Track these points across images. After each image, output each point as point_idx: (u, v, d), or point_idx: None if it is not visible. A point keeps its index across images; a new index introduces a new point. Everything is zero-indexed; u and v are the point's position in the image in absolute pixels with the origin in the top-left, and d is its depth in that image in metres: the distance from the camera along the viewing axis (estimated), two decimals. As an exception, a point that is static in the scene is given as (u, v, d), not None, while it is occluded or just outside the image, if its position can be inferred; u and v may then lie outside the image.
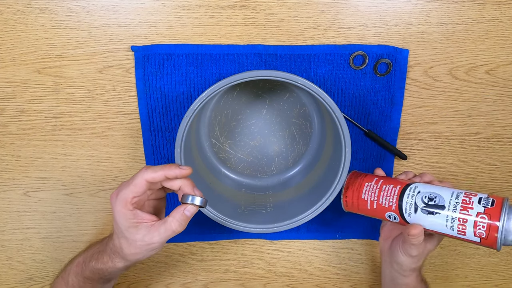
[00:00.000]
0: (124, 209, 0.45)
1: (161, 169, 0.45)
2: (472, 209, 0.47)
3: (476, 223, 0.46)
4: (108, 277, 0.54)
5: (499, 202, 0.47)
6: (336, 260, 0.75)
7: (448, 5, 0.56)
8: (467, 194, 0.49)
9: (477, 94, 0.62)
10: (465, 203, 0.48)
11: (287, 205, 0.60)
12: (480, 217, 0.46)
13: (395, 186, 0.52)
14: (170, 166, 0.45)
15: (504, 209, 0.46)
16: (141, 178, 0.45)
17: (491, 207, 0.46)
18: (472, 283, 0.79)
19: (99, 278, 0.54)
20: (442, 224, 0.48)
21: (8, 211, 0.67)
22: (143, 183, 0.45)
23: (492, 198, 0.48)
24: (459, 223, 0.47)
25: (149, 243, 0.46)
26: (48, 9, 0.54)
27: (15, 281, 0.73)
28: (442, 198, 0.49)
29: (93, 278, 0.54)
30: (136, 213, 0.46)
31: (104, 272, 0.52)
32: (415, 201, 0.50)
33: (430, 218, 0.49)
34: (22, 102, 0.59)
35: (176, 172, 0.45)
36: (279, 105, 0.61)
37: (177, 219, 0.45)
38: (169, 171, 0.45)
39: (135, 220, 0.45)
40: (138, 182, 0.45)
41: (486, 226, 0.46)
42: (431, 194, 0.49)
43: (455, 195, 0.49)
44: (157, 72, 0.58)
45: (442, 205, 0.48)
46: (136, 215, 0.46)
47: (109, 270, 0.51)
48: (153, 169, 0.45)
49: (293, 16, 0.56)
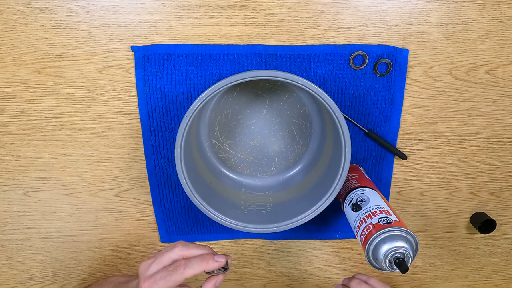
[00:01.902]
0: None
1: (199, 266, 0.46)
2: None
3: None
4: None
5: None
6: (336, 260, 0.75)
7: (448, 5, 0.56)
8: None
9: (477, 94, 0.62)
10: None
11: (287, 205, 0.60)
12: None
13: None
14: (207, 260, 0.46)
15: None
16: (181, 277, 0.45)
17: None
18: (472, 283, 0.79)
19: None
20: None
21: (8, 211, 0.67)
22: (181, 281, 0.46)
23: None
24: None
25: None
26: (48, 9, 0.54)
27: (15, 281, 0.73)
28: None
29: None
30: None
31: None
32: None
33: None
34: (22, 102, 0.59)
35: (214, 265, 0.46)
36: (279, 105, 0.61)
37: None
38: (208, 265, 0.46)
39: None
40: (178, 280, 0.45)
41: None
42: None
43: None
44: (157, 72, 0.58)
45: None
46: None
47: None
48: (192, 266, 0.45)
49: (293, 16, 0.56)
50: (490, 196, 0.70)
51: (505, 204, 0.71)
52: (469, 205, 0.71)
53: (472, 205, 0.71)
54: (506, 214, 0.72)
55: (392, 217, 0.51)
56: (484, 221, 0.69)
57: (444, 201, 0.70)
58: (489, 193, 0.70)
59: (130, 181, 0.66)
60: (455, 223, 0.72)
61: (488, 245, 0.75)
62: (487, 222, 0.69)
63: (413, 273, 0.77)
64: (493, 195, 0.70)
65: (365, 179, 0.60)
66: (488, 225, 0.70)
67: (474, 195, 0.70)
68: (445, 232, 0.73)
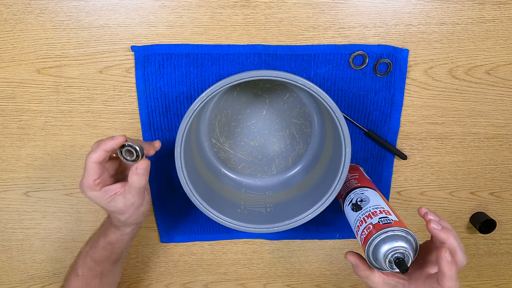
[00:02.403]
0: (94, 192, 0.50)
1: (98, 146, 0.49)
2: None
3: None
4: (118, 252, 0.58)
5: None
6: (336, 260, 0.75)
7: (448, 5, 0.56)
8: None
9: (477, 94, 0.62)
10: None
11: (287, 205, 0.60)
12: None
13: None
14: (105, 141, 0.49)
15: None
16: (89, 162, 0.49)
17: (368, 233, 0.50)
18: (472, 283, 0.79)
19: (110, 254, 0.57)
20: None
21: (8, 211, 0.67)
22: (93, 166, 0.49)
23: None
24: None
25: (131, 204, 0.52)
26: (48, 9, 0.54)
27: (15, 281, 0.73)
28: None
29: (103, 258, 0.57)
30: (105, 190, 0.50)
31: (114, 245, 0.56)
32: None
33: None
34: (22, 102, 0.59)
35: (112, 144, 0.48)
36: (279, 105, 0.61)
37: (136, 179, 0.50)
38: (105, 145, 0.48)
39: (108, 195, 0.50)
40: (89, 166, 0.49)
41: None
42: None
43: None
44: (157, 72, 0.58)
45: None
46: (107, 191, 0.50)
47: (119, 239, 0.56)
48: (94, 150, 0.49)
49: (293, 16, 0.56)
50: (490, 196, 0.70)
51: (505, 204, 0.71)
52: (469, 205, 0.71)
53: (472, 205, 0.71)
54: (506, 214, 0.72)
55: (392, 217, 0.51)
56: (484, 221, 0.69)
57: (444, 201, 0.70)
58: (489, 193, 0.70)
59: (130, 181, 0.66)
60: (455, 223, 0.72)
61: (488, 245, 0.75)
62: (487, 222, 0.69)
63: (413, 273, 0.77)
64: (493, 195, 0.70)
65: (365, 179, 0.60)
66: (488, 225, 0.70)
67: (474, 195, 0.70)
68: (445, 232, 0.73)
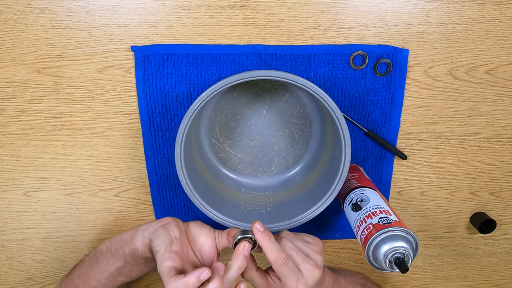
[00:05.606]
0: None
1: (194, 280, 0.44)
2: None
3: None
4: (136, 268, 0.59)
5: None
6: (336, 260, 0.75)
7: (448, 5, 0.56)
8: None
9: (477, 94, 0.62)
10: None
11: (287, 205, 0.60)
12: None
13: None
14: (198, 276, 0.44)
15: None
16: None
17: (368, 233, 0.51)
18: (472, 283, 0.79)
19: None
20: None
21: (8, 211, 0.67)
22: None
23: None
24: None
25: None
26: (48, 9, 0.54)
27: (15, 281, 0.73)
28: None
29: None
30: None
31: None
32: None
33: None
34: (22, 102, 0.59)
35: (204, 276, 0.44)
36: (279, 105, 0.61)
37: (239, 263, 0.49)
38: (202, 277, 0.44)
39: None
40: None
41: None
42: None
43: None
44: (157, 72, 0.58)
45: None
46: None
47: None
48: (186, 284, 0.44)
49: (293, 16, 0.56)
50: (490, 196, 0.70)
51: (505, 204, 0.71)
52: (469, 205, 0.71)
53: (472, 205, 0.71)
54: (506, 214, 0.72)
55: (392, 217, 0.51)
56: (484, 221, 0.69)
57: (444, 201, 0.70)
58: (489, 193, 0.70)
59: (130, 181, 0.66)
60: (455, 223, 0.72)
61: (488, 245, 0.75)
62: (487, 222, 0.69)
63: (413, 273, 0.77)
64: (493, 195, 0.70)
65: (365, 179, 0.60)
66: (488, 225, 0.70)
67: (474, 195, 0.70)
68: (445, 232, 0.73)
